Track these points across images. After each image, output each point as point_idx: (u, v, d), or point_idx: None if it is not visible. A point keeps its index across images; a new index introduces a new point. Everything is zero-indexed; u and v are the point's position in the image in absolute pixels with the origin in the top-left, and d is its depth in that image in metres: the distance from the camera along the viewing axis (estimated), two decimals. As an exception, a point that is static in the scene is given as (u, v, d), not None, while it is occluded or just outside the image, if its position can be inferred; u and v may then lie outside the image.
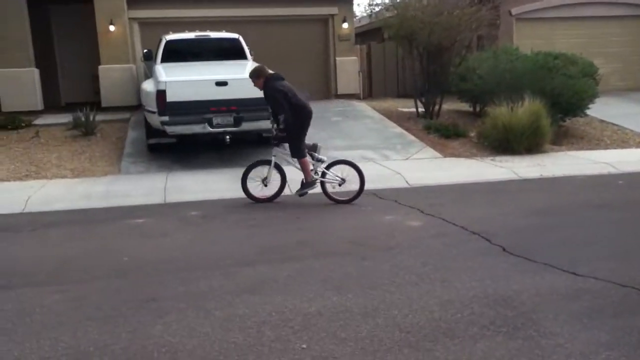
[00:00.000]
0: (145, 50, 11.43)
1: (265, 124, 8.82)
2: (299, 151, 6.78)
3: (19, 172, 8.52)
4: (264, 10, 13.90)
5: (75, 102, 12.72)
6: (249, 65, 10.25)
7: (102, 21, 12.34)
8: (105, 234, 5.91)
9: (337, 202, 6.88)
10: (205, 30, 11.36)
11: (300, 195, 6.94)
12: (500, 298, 3.91)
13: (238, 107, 8.55)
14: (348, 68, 14.64)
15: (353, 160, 7.33)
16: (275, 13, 14.01)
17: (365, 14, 21.32)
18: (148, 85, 9.23)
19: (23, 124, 10.78)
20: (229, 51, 10.66)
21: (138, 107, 12.27)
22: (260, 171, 6.96)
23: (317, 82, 14.63)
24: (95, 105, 11.48)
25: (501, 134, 9.71)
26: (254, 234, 5.70)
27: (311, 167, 6.89)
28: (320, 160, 6.97)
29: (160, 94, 8.33)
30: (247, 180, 6.87)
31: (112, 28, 12.38)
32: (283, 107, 6.60)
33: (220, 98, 8.49)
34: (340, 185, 6.96)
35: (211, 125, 8.51)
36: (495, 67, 11.27)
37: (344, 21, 14.47)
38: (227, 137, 8.68)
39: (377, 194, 7.26)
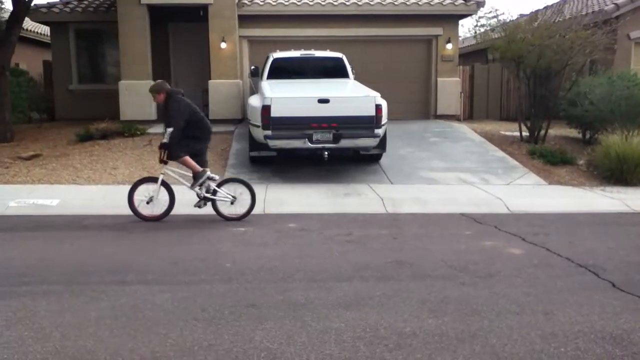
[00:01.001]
0: (252, 67, 11.98)
1: (364, 142, 8.95)
2: (176, 154, 6.90)
3: (132, 177, 9.15)
4: (368, 31, 14.10)
5: (185, 113, 13.52)
6: (351, 83, 10.47)
7: (215, 39, 13.07)
8: (210, 240, 6.22)
9: (228, 219, 6.95)
10: (310, 48, 11.73)
11: (199, 188, 7.00)
12: (608, 335, 3.69)
13: (338, 125, 8.71)
14: (449, 89, 14.46)
15: (246, 180, 7.37)
16: (379, 33, 14.17)
17: (469, 35, 21.00)
18: (254, 101, 9.63)
19: (138, 132, 11.64)
20: (332, 70, 10.94)
21: (242, 120, 12.86)
22: (148, 189, 6.97)
23: (418, 102, 14.57)
24: (204, 117, 12.13)
25: (614, 163, 9.16)
26: (350, 250, 5.76)
27: (201, 182, 6.99)
28: (212, 179, 7.09)
29: (265, 109, 8.67)
30: (134, 197, 6.88)
31: (223, 45, 13.07)
32: (178, 122, 6.80)
33: (321, 115, 8.69)
34: (232, 203, 7.01)
35: (311, 141, 8.72)
36: (609, 93, 10.68)
37: (448, 42, 14.34)
38: (326, 153, 8.85)
39: (476, 218, 7.09)
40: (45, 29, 16.89)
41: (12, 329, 3.82)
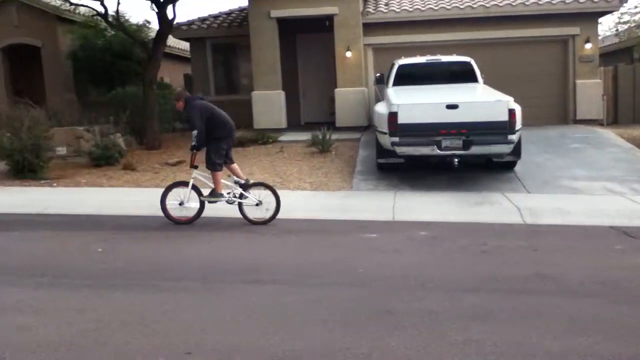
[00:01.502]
0: (377, 74, 11.99)
1: (496, 149, 8.57)
2: (214, 165, 7.10)
3: (267, 182, 9.55)
4: (497, 33, 13.51)
5: (312, 121, 13.90)
6: (481, 88, 10.11)
7: (340, 48, 13.29)
8: (340, 245, 6.29)
9: (254, 223, 7.06)
10: (435, 54, 11.51)
11: (210, 202, 7.18)
12: None
13: (468, 131, 8.42)
14: (590, 91, 13.42)
15: (271, 184, 7.39)
16: (509, 35, 13.53)
17: (610, 33, 19.42)
18: (380, 108, 9.62)
19: (270, 140, 12.16)
20: (460, 74, 10.63)
21: (367, 127, 12.92)
22: (179, 193, 7.10)
23: (553, 106, 13.70)
24: (330, 125, 12.39)
25: None
26: (486, 261, 5.52)
27: (228, 190, 7.17)
28: (238, 182, 7.17)
29: (392, 116, 8.61)
30: (167, 201, 7.05)
31: (348, 54, 13.25)
32: (197, 124, 6.95)
33: (450, 121, 8.46)
34: (257, 206, 7.08)
35: (440, 148, 8.51)
36: None
37: (587, 41, 13.34)
38: (456, 160, 8.60)
39: (627, 232, 6.47)
40: (185, 45, 18.24)
41: (158, 321, 4.10)
